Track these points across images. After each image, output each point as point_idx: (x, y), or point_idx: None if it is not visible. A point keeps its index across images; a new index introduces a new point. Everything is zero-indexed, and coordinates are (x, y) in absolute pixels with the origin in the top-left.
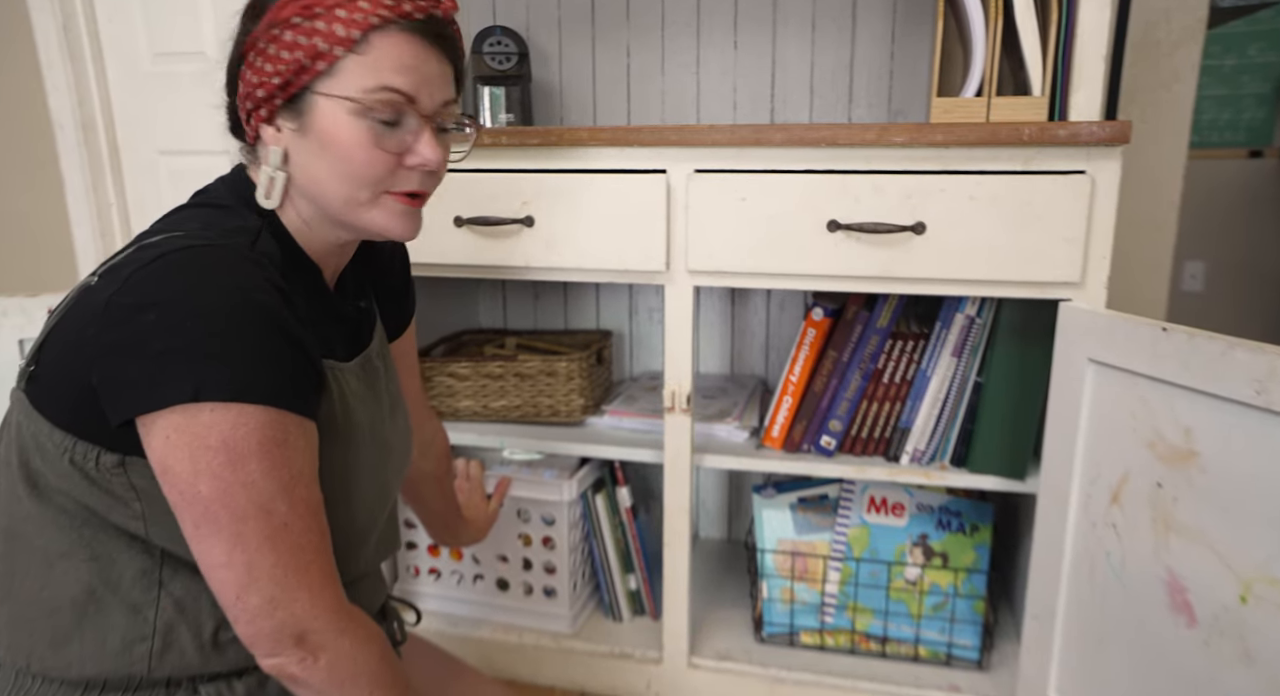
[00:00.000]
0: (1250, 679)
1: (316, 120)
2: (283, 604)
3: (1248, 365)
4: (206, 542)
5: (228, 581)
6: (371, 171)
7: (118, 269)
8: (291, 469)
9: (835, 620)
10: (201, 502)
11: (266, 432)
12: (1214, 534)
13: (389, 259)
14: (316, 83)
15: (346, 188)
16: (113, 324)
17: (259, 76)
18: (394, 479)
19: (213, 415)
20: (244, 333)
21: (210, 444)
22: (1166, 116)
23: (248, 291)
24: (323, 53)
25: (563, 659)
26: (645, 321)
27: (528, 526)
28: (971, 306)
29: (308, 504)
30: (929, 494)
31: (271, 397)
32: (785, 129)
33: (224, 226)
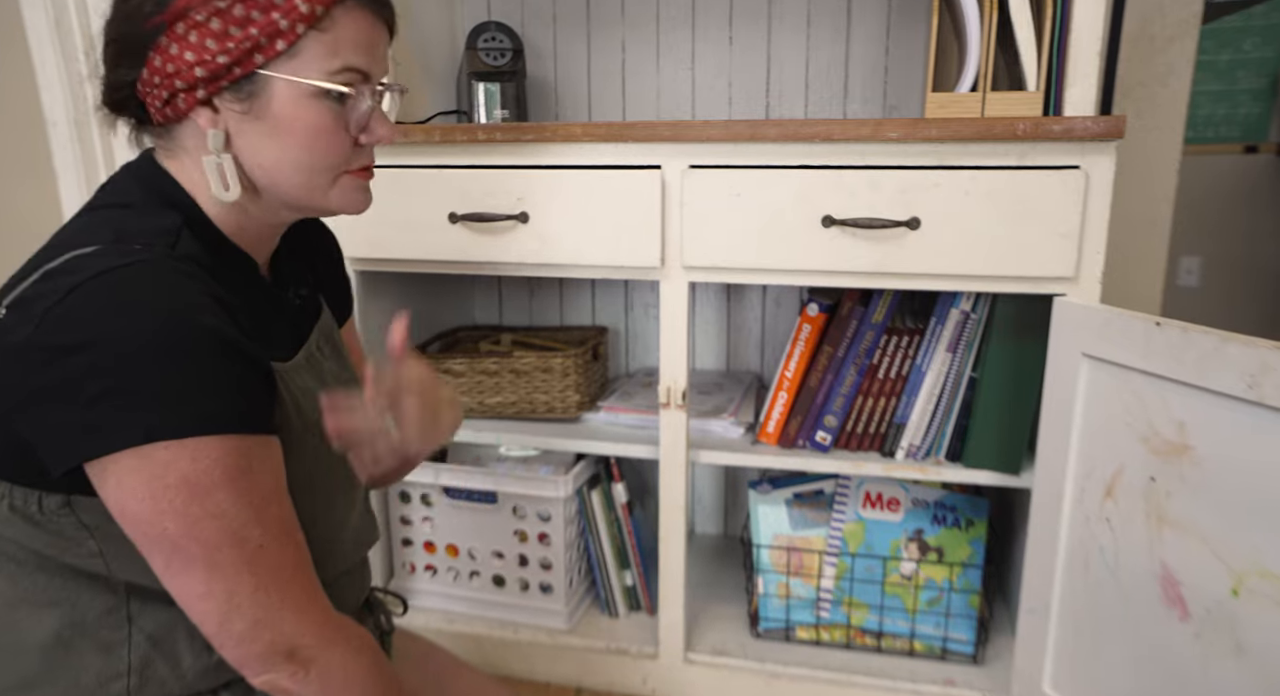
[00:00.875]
0: (1241, 671)
1: (273, 104)
2: (268, 624)
3: (1240, 360)
4: (181, 578)
5: (209, 612)
6: (335, 155)
7: (28, 303)
8: (261, 491)
9: (831, 615)
10: (169, 540)
11: (229, 461)
12: (1207, 527)
13: (317, 239)
14: (273, 63)
15: (306, 173)
16: (36, 368)
17: (196, 54)
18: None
19: (168, 453)
20: (188, 362)
21: (170, 483)
22: (1161, 112)
23: (183, 314)
24: (283, 31)
25: (559, 655)
26: (641, 317)
27: (524, 522)
28: (966, 302)
29: (281, 522)
30: (924, 489)
31: (228, 425)
32: (780, 124)
33: (139, 231)
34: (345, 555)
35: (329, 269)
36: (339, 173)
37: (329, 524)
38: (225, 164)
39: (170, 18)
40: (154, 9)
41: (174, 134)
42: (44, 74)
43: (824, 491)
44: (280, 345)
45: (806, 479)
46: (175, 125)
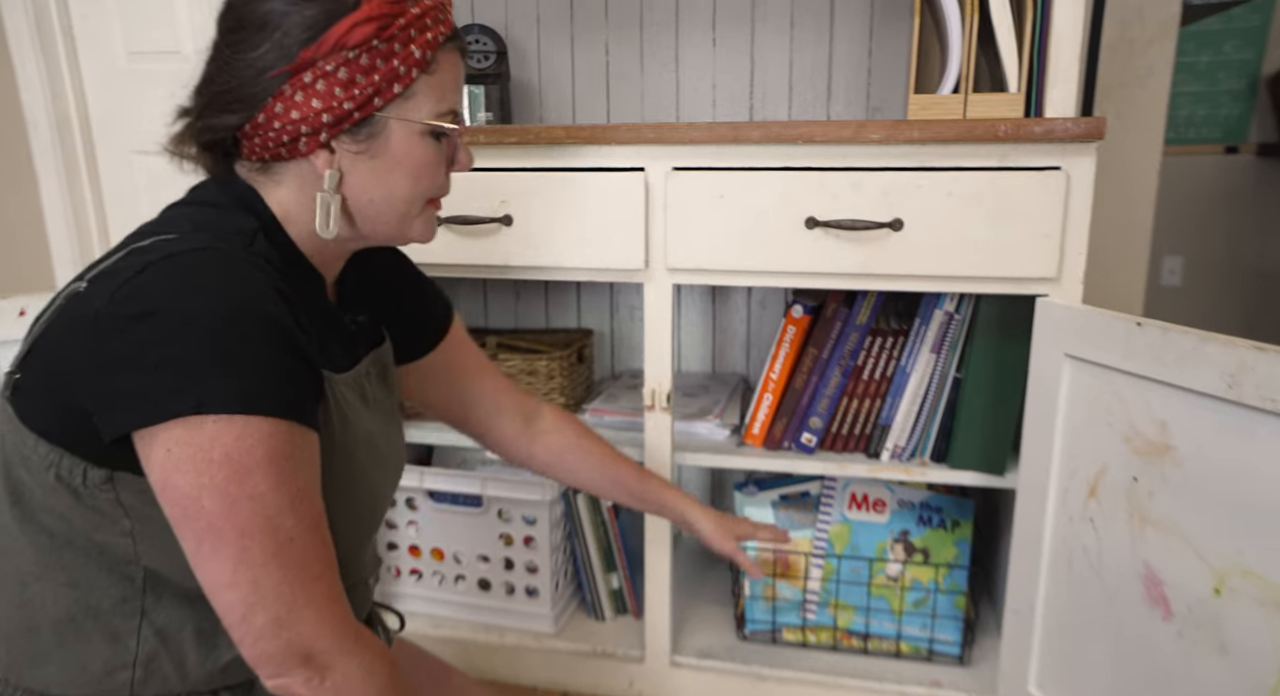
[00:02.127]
0: (1223, 670)
1: (390, 143)
2: (289, 623)
3: (1219, 359)
4: (211, 562)
5: (233, 602)
6: (433, 186)
7: (108, 276)
8: (298, 481)
9: (817, 617)
10: (205, 518)
11: (273, 445)
12: (1188, 527)
13: (390, 266)
14: (391, 106)
15: (406, 204)
16: (104, 335)
17: (323, 101)
18: (387, 490)
19: (216, 427)
20: (247, 341)
21: (214, 457)
22: (1141, 113)
23: (248, 297)
24: (400, 76)
25: (545, 658)
26: (626, 319)
27: (509, 526)
28: (950, 303)
29: (313, 517)
30: (910, 490)
31: (277, 408)
32: (763, 126)
33: (218, 227)
34: (360, 570)
35: (398, 290)
36: (424, 204)
37: (352, 537)
38: (334, 203)
39: (297, 68)
40: (279, 59)
41: (272, 169)
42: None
43: (810, 493)
44: (333, 357)
45: (792, 480)
46: (277, 162)
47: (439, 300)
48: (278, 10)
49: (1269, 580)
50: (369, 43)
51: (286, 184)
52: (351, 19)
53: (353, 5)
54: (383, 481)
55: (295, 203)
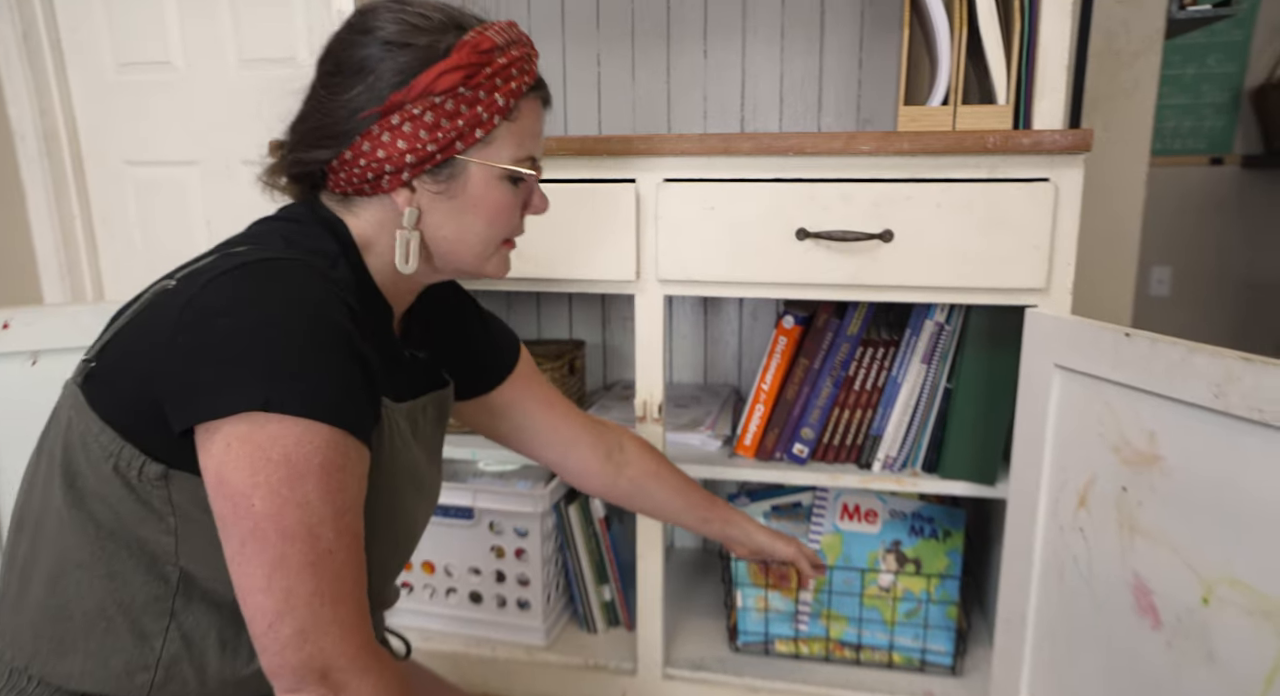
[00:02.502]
0: (1211, 679)
1: (469, 185)
2: (313, 637)
3: (1206, 369)
4: (250, 564)
5: (264, 608)
6: (509, 229)
7: (197, 274)
8: (345, 495)
9: (810, 628)
10: (253, 518)
11: (329, 453)
12: (1177, 536)
13: (455, 304)
14: (471, 150)
15: (482, 246)
16: (186, 327)
17: (408, 142)
18: (422, 525)
19: (280, 427)
20: (318, 348)
21: (273, 457)
22: (1128, 124)
23: (325, 309)
24: (483, 122)
25: (537, 671)
26: (618, 331)
27: (500, 538)
28: (940, 313)
29: (353, 533)
30: (902, 500)
31: (338, 418)
32: (753, 138)
33: (308, 246)
34: (384, 600)
35: (462, 327)
36: (499, 244)
37: (385, 567)
38: (413, 239)
39: (386, 110)
40: (370, 101)
41: (353, 202)
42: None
43: (802, 503)
44: (394, 386)
45: (784, 491)
46: (360, 197)
47: (505, 336)
48: (374, 56)
49: (1256, 589)
50: (455, 89)
51: (365, 217)
52: (441, 67)
53: (444, 53)
54: (421, 515)
55: (373, 235)
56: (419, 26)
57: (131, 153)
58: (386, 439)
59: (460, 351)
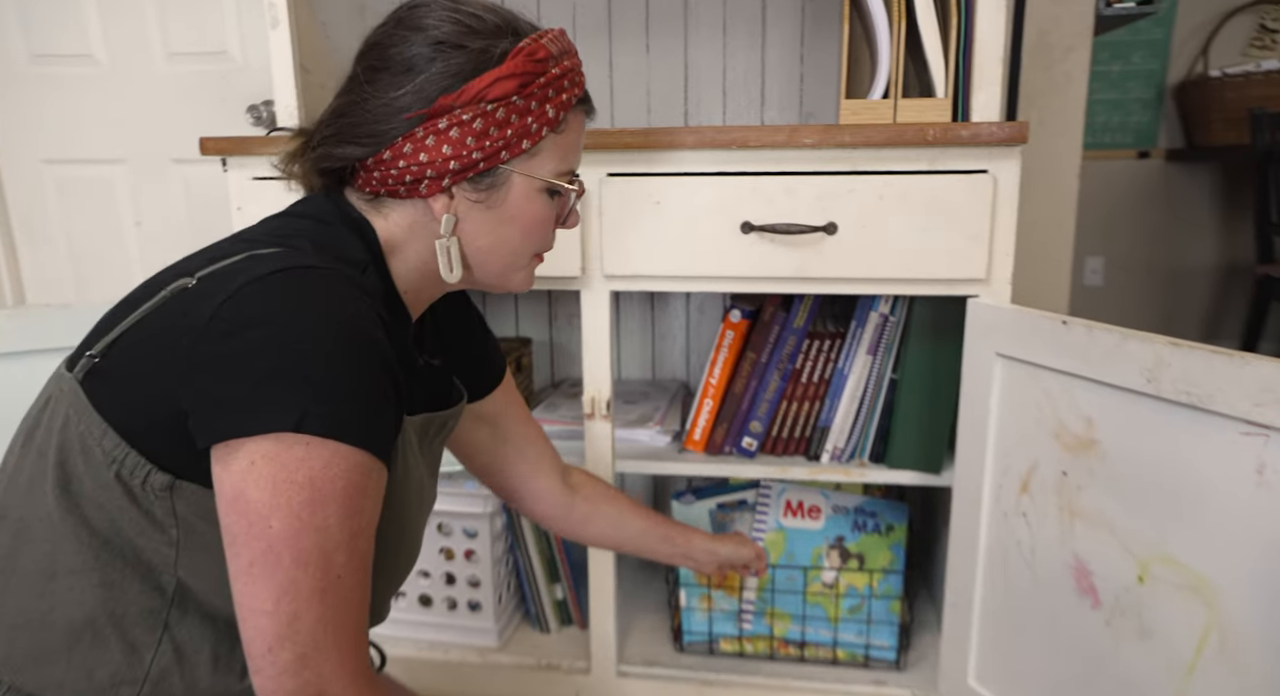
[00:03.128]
0: (1147, 653)
1: (510, 196)
2: (313, 663)
3: (1139, 355)
4: (257, 584)
5: (265, 630)
6: (544, 242)
7: (225, 276)
8: (361, 519)
9: (754, 626)
10: (267, 540)
11: (353, 477)
12: (1114, 518)
13: (460, 308)
14: (516, 160)
15: (515, 257)
16: (216, 337)
17: (454, 148)
18: (421, 540)
19: (308, 449)
20: (354, 367)
21: (297, 479)
22: (1061, 118)
23: (363, 325)
24: (531, 133)
25: (489, 673)
26: (565, 328)
27: (449, 540)
28: (885, 305)
29: (363, 556)
30: (844, 495)
31: (367, 441)
32: (696, 131)
33: (334, 250)
34: (380, 617)
35: (468, 334)
36: (531, 256)
37: (387, 583)
38: (453, 246)
39: (433, 113)
40: (416, 102)
41: (384, 203)
42: None
43: (747, 501)
44: (408, 399)
45: (729, 488)
46: (392, 199)
47: (498, 347)
48: (424, 55)
49: (1186, 565)
50: (508, 98)
51: (394, 220)
52: (495, 73)
53: (498, 59)
54: (422, 529)
55: (401, 239)
56: (473, 28)
57: (50, 151)
58: (400, 454)
59: (465, 356)
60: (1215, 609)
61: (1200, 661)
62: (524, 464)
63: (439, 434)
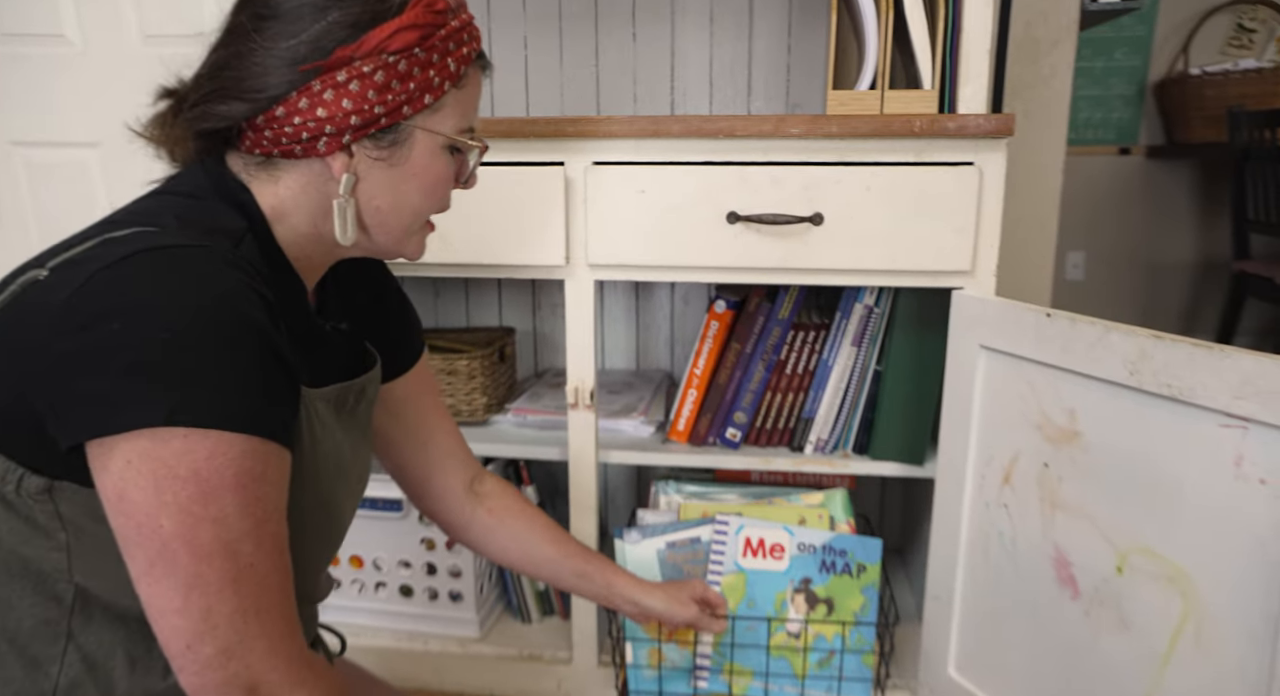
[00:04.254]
0: (1125, 643)
1: (412, 154)
2: (238, 654)
3: (1121, 347)
4: (160, 585)
5: (180, 629)
6: (441, 203)
7: (77, 265)
8: (266, 505)
9: (710, 684)
10: (160, 539)
11: (244, 464)
12: (1094, 509)
13: (377, 280)
14: (419, 116)
15: (412, 219)
16: (70, 331)
17: (354, 102)
18: (350, 510)
19: (186, 442)
20: (229, 349)
21: (180, 474)
22: (1046, 112)
23: (233, 303)
24: (433, 87)
25: (470, 664)
26: (549, 317)
27: (431, 530)
28: (870, 296)
29: (276, 542)
30: (811, 531)
31: (253, 425)
32: (683, 120)
33: (204, 223)
34: (315, 592)
35: (383, 307)
36: (426, 220)
37: (313, 559)
38: (349, 207)
39: (331, 65)
40: (312, 54)
41: (275, 165)
42: None
43: (700, 539)
44: (312, 370)
45: (680, 525)
46: (285, 159)
47: (416, 326)
48: (317, 3)
49: (1164, 556)
50: (410, 50)
51: (286, 182)
52: (396, 23)
53: (397, 9)
54: (348, 504)
55: (291, 202)
56: None
57: (21, 132)
58: (305, 429)
59: (378, 329)
60: (1191, 599)
61: (1176, 651)
62: (425, 461)
63: (359, 401)
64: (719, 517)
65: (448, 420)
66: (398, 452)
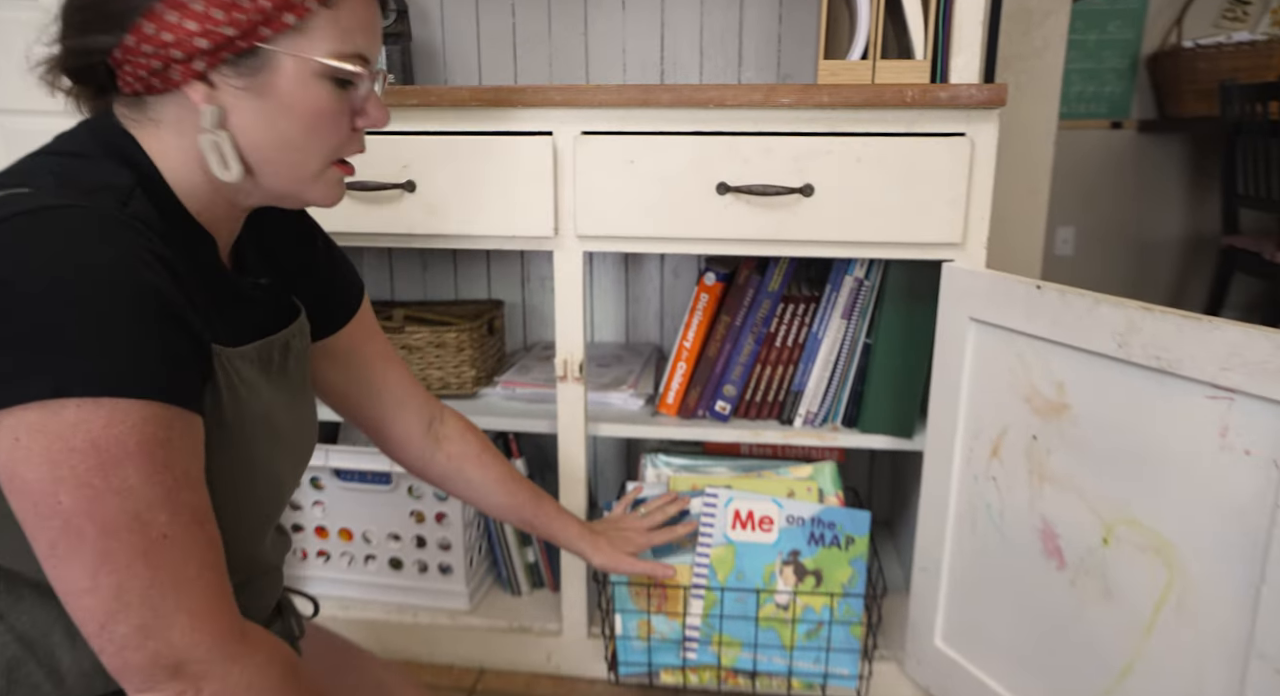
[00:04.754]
0: (1109, 613)
1: (280, 82)
2: (156, 631)
3: (1110, 319)
4: (66, 565)
5: (92, 610)
6: (333, 139)
7: None
8: (175, 472)
9: (699, 655)
10: (61, 517)
11: (146, 431)
12: (1082, 481)
13: (300, 233)
14: (281, 38)
15: (301, 156)
16: None
17: (200, 23)
18: (290, 473)
19: (79, 412)
20: (116, 312)
21: (76, 446)
22: (1038, 84)
23: (119, 262)
24: (293, 5)
25: (460, 636)
26: (538, 290)
27: (420, 503)
28: (860, 268)
29: (194, 511)
30: (800, 503)
31: (152, 390)
32: (673, 89)
33: (87, 182)
34: (264, 557)
35: (309, 260)
36: (329, 161)
37: (250, 525)
38: (223, 141)
39: None
40: None
41: (148, 105)
42: None
43: (689, 511)
44: (229, 329)
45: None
46: (153, 96)
47: (351, 274)
48: None
49: (1149, 527)
50: None
51: (166, 125)
52: None
53: None
54: (284, 463)
55: (176, 148)
56: None
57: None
58: (224, 390)
59: (305, 284)
60: (1175, 569)
61: (1159, 620)
62: (379, 411)
63: (285, 357)
64: (708, 490)
65: (396, 368)
66: (352, 406)
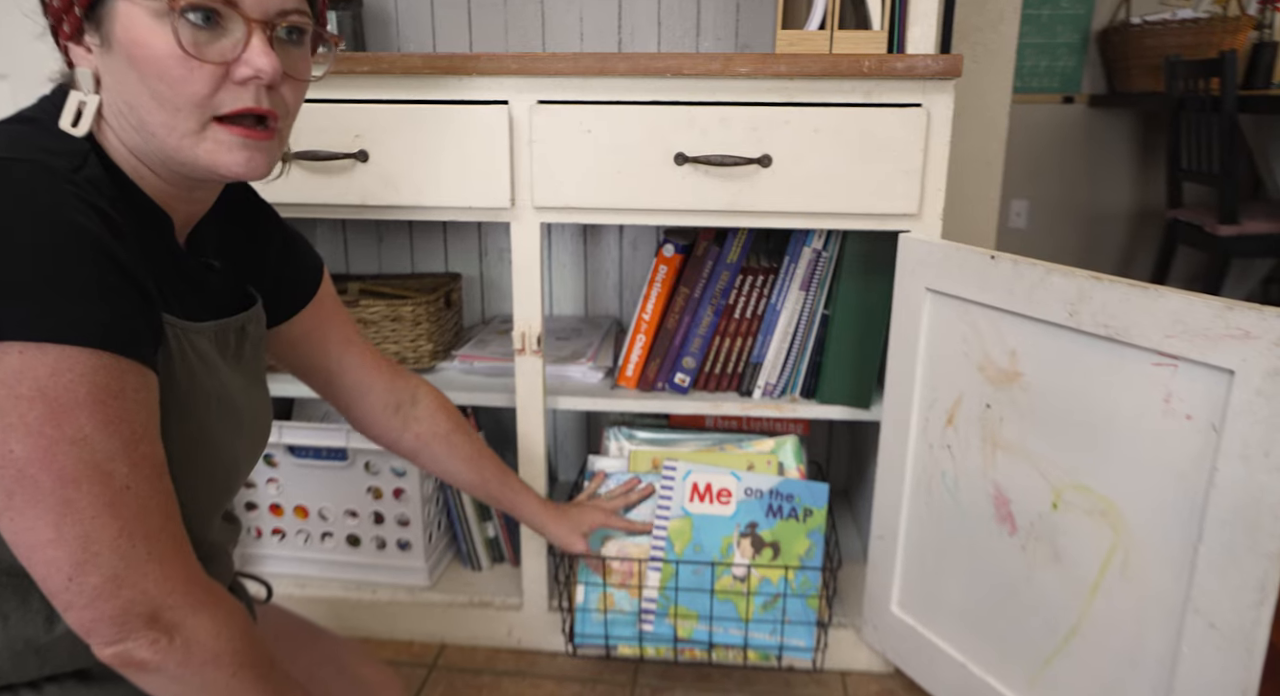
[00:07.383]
0: (1058, 576)
1: (117, 28)
2: (129, 580)
3: (1062, 289)
4: (25, 517)
5: (58, 561)
6: (189, 87)
7: None
8: (133, 424)
9: (655, 627)
10: (15, 466)
11: (98, 380)
12: (1033, 448)
13: (254, 217)
14: None
15: (165, 111)
16: None
17: None
18: (244, 456)
19: (23, 359)
20: (62, 260)
21: (21, 393)
22: (993, 57)
23: (60, 212)
24: None
25: (421, 612)
26: (496, 263)
27: (377, 479)
28: (818, 240)
29: (153, 463)
30: (758, 476)
31: (102, 339)
32: (629, 58)
33: (40, 145)
34: (211, 540)
35: (262, 246)
36: (206, 117)
37: (201, 504)
38: (87, 102)
39: None
40: None
41: (76, 74)
42: None
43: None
44: (181, 304)
45: (627, 476)
46: (66, 60)
47: (309, 258)
48: None
49: (1096, 492)
50: None
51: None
52: None
53: None
54: (239, 446)
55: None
56: None
57: None
58: (179, 365)
59: (260, 269)
60: (1120, 531)
61: (1104, 581)
62: (341, 394)
63: (241, 342)
64: (666, 463)
65: (357, 352)
66: (322, 387)
